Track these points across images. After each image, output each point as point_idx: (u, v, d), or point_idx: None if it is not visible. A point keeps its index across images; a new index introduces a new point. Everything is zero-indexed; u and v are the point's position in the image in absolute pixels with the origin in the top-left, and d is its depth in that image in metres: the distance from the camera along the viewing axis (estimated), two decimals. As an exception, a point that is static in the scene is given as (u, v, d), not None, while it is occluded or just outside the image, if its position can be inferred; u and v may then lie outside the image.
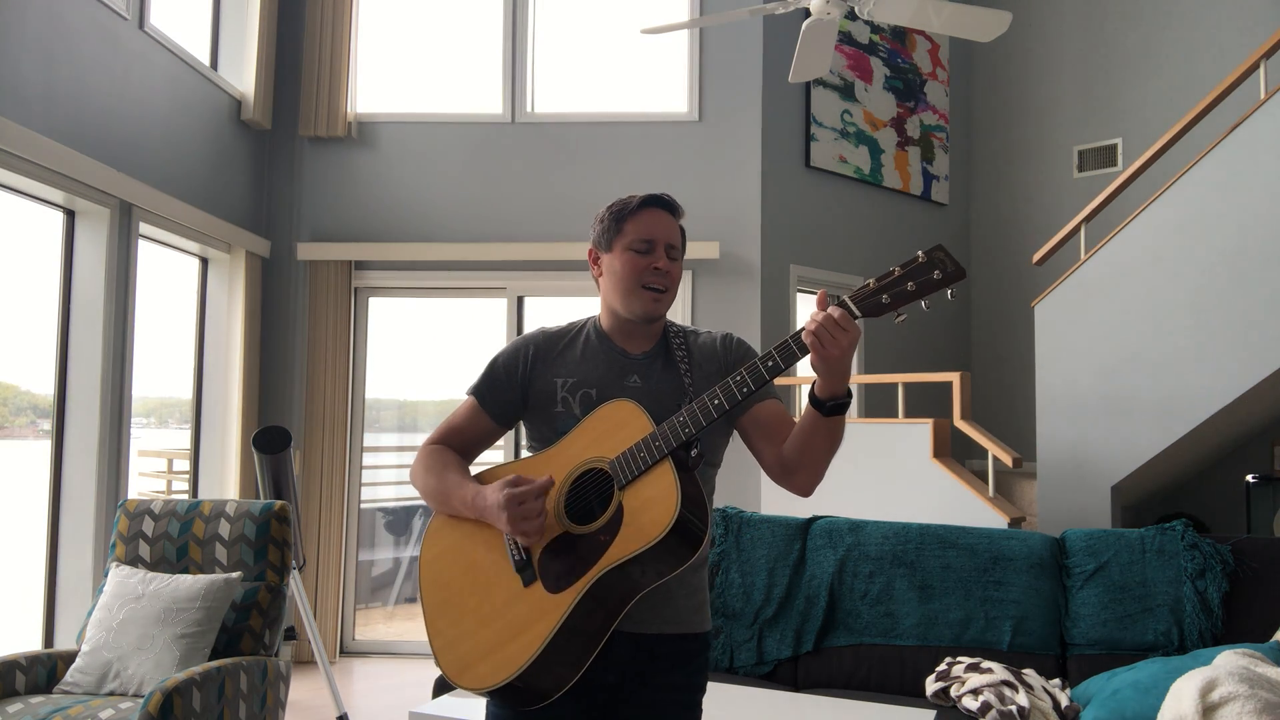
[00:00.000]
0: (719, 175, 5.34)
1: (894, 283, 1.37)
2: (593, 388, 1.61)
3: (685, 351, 1.66)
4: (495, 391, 1.69)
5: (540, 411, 1.65)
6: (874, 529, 3.20)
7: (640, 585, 1.45)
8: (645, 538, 1.41)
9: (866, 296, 1.38)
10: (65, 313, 3.90)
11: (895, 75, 6.30)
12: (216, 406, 4.97)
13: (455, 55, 5.66)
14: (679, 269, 1.66)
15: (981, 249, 6.92)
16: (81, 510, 3.83)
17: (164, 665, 2.90)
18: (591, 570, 1.44)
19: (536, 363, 1.67)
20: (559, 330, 1.72)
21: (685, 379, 1.61)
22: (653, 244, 1.61)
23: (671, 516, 1.39)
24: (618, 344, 1.67)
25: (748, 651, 3.16)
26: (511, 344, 1.72)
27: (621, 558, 1.42)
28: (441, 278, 5.38)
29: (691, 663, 1.61)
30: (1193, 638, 2.76)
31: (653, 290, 1.60)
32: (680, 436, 1.45)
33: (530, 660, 1.44)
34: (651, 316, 1.63)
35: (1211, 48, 5.87)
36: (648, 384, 1.62)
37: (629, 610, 1.47)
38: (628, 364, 1.64)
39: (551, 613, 1.45)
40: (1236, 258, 4.12)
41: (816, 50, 4.05)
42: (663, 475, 1.44)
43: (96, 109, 3.89)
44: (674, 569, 1.43)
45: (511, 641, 1.48)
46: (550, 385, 1.64)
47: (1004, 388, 6.52)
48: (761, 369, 1.43)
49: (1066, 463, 4.58)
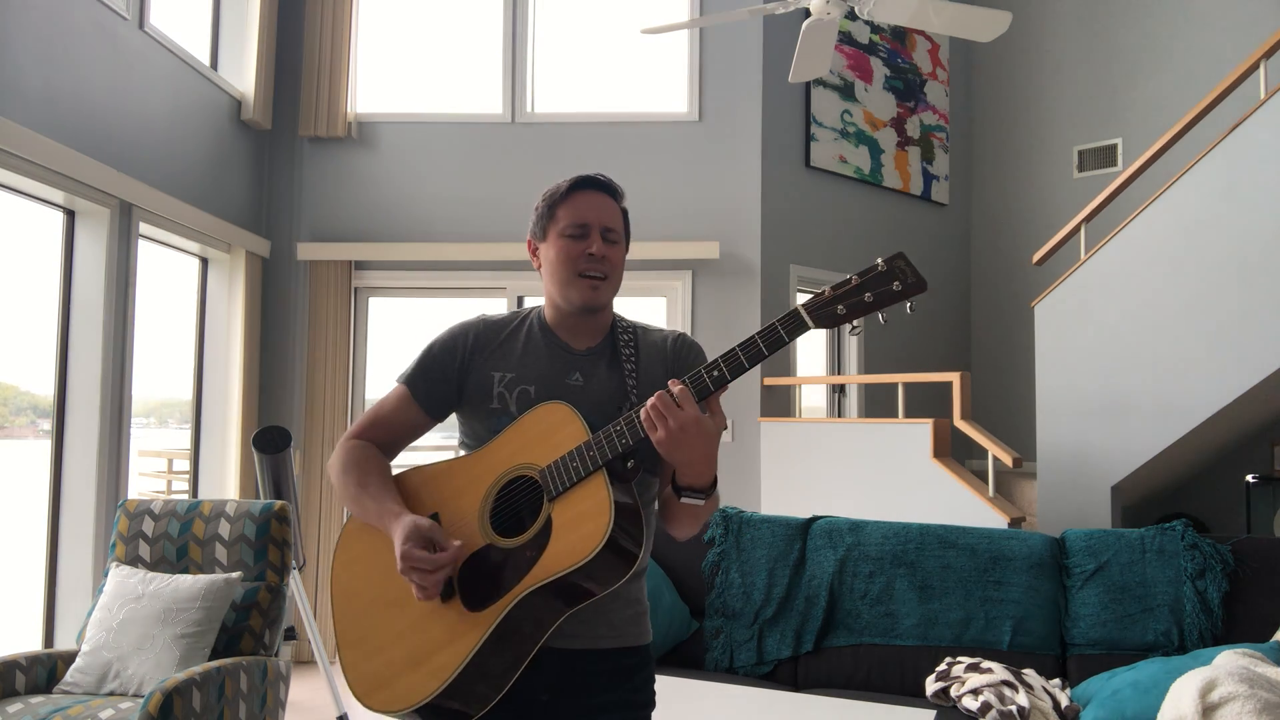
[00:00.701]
0: (719, 175, 5.34)
1: (850, 293, 1.29)
2: (531, 384, 1.50)
3: (633, 350, 1.55)
4: (428, 381, 1.56)
5: (475, 406, 1.53)
6: (874, 529, 3.20)
7: (570, 604, 1.35)
8: (574, 557, 1.30)
9: (821, 306, 1.29)
10: (65, 313, 3.90)
11: (895, 75, 6.30)
12: (216, 406, 4.97)
13: (455, 55, 5.66)
14: (619, 253, 1.54)
15: (981, 249, 6.92)
16: (81, 510, 3.83)
17: (164, 665, 2.90)
18: (515, 589, 1.33)
19: (475, 353, 1.55)
20: (501, 319, 1.60)
21: (629, 380, 1.50)
22: (587, 228, 1.49)
23: (603, 535, 1.29)
24: (561, 338, 1.55)
25: (748, 651, 3.16)
26: (449, 330, 1.59)
27: (548, 577, 1.31)
28: (441, 278, 5.38)
29: (632, 678, 1.50)
30: (1193, 638, 2.76)
31: (590, 278, 1.49)
32: (616, 448, 1.35)
33: (445, 684, 1.34)
34: (590, 306, 1.51)
35: (1211, 48, 5.87)
36: (590, 382, 1.51)
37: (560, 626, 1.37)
38: (571, 360, 1.53)
39: (470, 633, 1.34)
40: (1236, 258, 4.12)
41: (816, 50, 4.05)
42: (595, 489, 1.34)
43: (96, 109, 3.89)
44: (608, 586, 1.34)
45: (426, 662, 1.37)
46: (487, 379, 1.53)
47: (1004, 388, 6.52)
48: (706, 379, 1.33)
49: (1066, 463, 4.58)
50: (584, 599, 1.35)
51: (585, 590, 1.34)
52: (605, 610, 1.44)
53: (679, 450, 1.31)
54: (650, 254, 5.18)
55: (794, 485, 4.98)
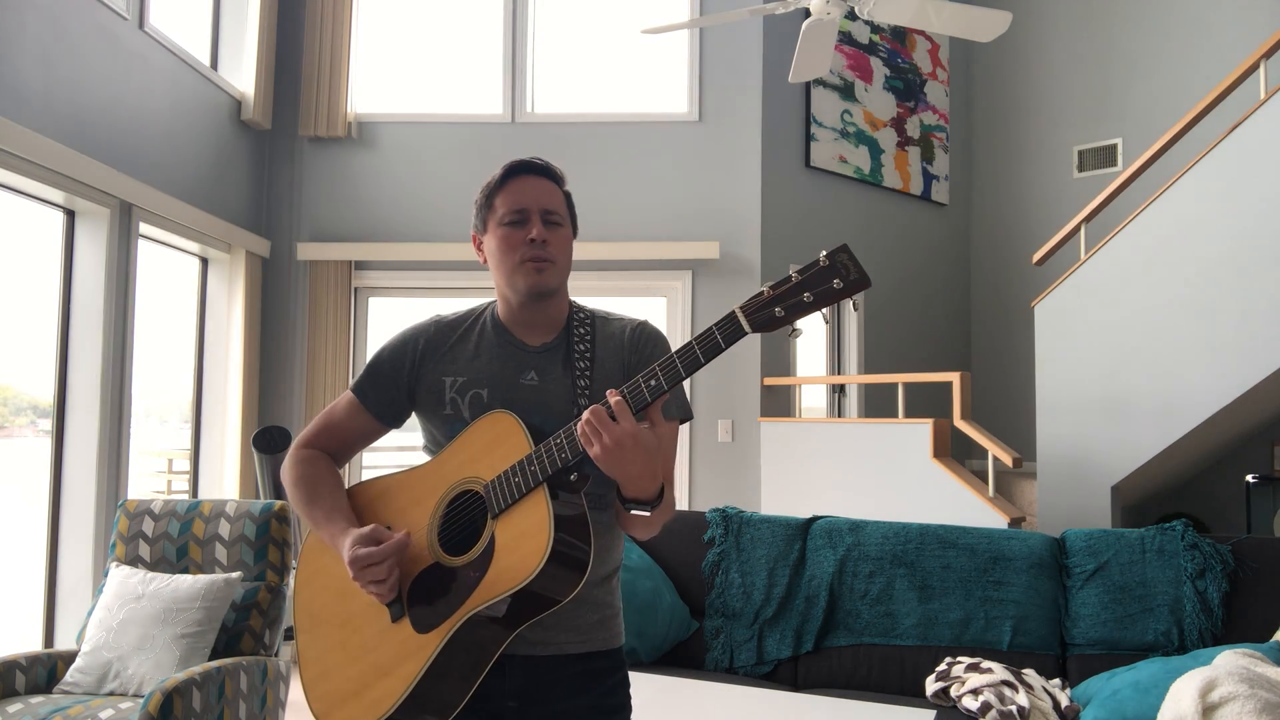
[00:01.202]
0: (719, 175, 5.34)
1: (789, 293, 1.21)
2: (484, 387, 1.45)
3: (588, 344, 1.49)
4: (378, 390, 1.52)
5: (429, 413, 1.50)
6: (874, 529, 3.20)
7: (521, 620, 1.31)
8: (516, 577, 1.27)
9: (759, 309, 1.22)
10: (65, 313, 3.90)
11: (895, 75, 6.30)
12: (216, 406, 4.97)
13: (455, 55, 5.66)
14: (563, 236, 1.48)
15: (981, 249, 6.92)
16: (81, 510, 3.83)
17: (164, 665, 2.90)
18: (459, 611, 1.31)
19: (425, 359, 1.51)
20: (453, 319, 1.56)
21: (580, 381, 1.44)
22: (525, 213, 1.45)
23: (543, 554, 1.25)
24: (516, 335, 1.50)
25: (748, 651, 3.16)
26: (399, 335, 1.55)
27: (490, 599, 1.28)
28: (441, 278, 5.38)
29: (603, 682, 1.46)
30: (1193, 638, 2.76)
31: (534, 261, 1.44)
32: (556, 462, 1.29)
33: (394, 706, 1.32)
34: (538, 290, 1.45)
35: (1211, 48, 5.87)
36: (545, 381, 1.46)
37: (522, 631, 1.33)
38: (525, 358, 1.48)
39: (417, 655, 1.32)
40: (1236, 258, 4.12)
41: (816, 50, 4.05)
42: (536, 505, 1.29)
43: (96, 109, 3.89)
44: (560, 599, 1.30)
45: (376, 683, 1.35)
46: (439, 384, 1.48)
47: (1004, 388, 6.52)
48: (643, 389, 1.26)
49: (1066, 463, 4.58)
50: (535, 614, 1.31)
51: (534, 607, 1.31)
52: (570, 616, 1.40)
53: (616, 466, 1.26)
54: (650, 254, 5.18)
55: (794, 485, 4.98)
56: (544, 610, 1.31)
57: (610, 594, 1.50)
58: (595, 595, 1.46)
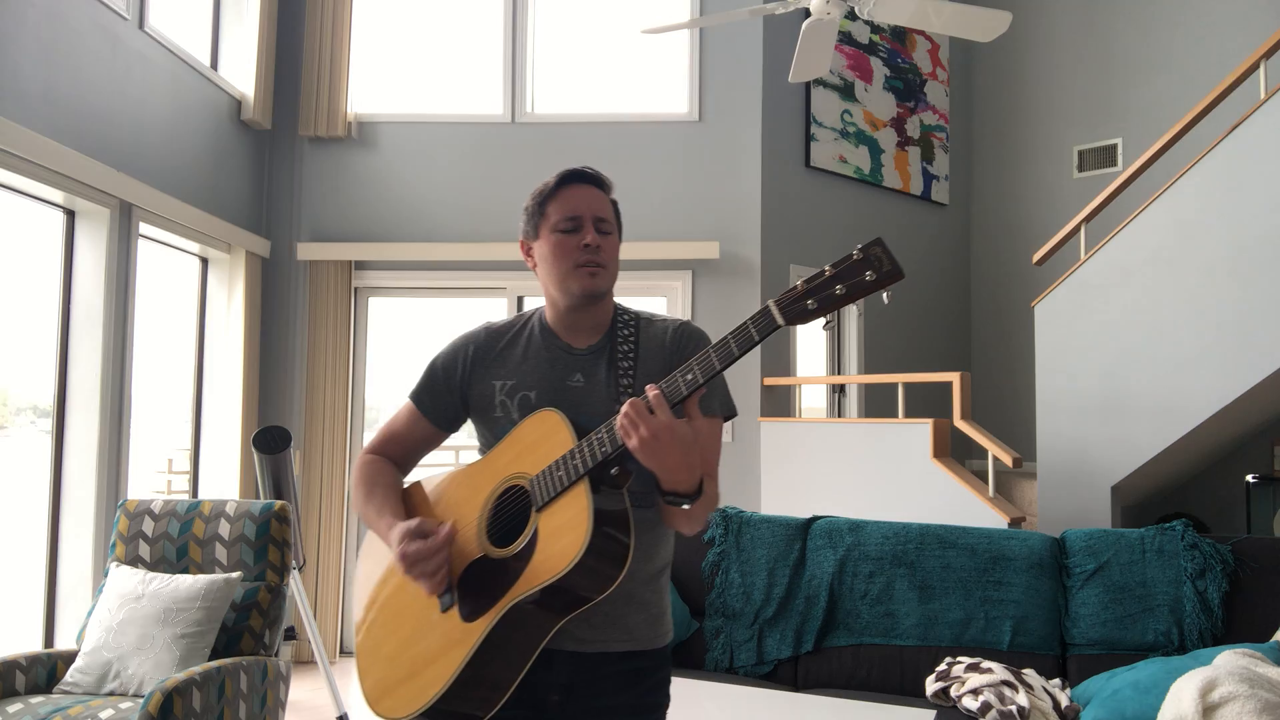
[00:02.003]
0: (719, 175, 5.34)
1: (821, 286, 1.23)
2: (532, 390, 1.51)
3: (632, 345, 1.53)
4: (434, 396, 1.60)
5: (482, 416, 1.56)
6: (874, 529, 3.20)
7: (562, 612, 1.35)
8: (554, 568, 1.31)
9: (791, 301, 1.24)
10: (65, 313, 3.90)
11: (895, 75, 6.30)
12: (216, 406, 4.97)
13: (455, 55, 5.66)
14: (613, 243, 1.55)
15: (981, 249, 6.92)
16: (81, 510, 3.83)
17: (164, 665, 2.90)
18: (503, 600, 1.35)
19: (476, 365, 1.57)
20: (502, 326, 1.62)
21: (622, 380, 1.48)
22: (579, 220, 1.51)
23: (582, 544, 1.29)
24: (562, 339, 1.55)
25: (748, 651, 3.16)
26: (451, 344, 1.62)
27: (531, 588, 1.33)
28: (441, 278, 5.38)
29: (644, 681, 1.50)
30: (1193, 638, 2.76)
31: (588, 267, 1.49)
32: (597, 456, 1.33)
33: (441, 693, 1.37)
34: (592, 293, 1.50)
35: (1211, 48, 5.87)
36: (590, 383, 1.51)
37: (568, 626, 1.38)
38: (571, 361, 1.53)
39: (464, 641, 1.37)
40: (1236, 258, 4.12)
41: (816, 50, 4.05)
42: (577, 498, 1.33)
43: (96, 109, 3.89)
44: (601, 591, 1.33)
45: (426, 669, 1.41)
46: (489, 389, 1.54)
47: (1004, 388, 6.52)
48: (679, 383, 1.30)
49: (1066, 463, 4.58)
50: (577, 606, 1.35)
51: (575, 598, 1.34)
52: (618, 614, 1.45)
53: (654, 458, 1.30)
54: (650, 254, 5.18)
55: (794, 485, 4.98)
56: (586, 602, 1.34)
57: (658, 593, 1.54)
58: (642, 594, 1.50)
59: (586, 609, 1.35)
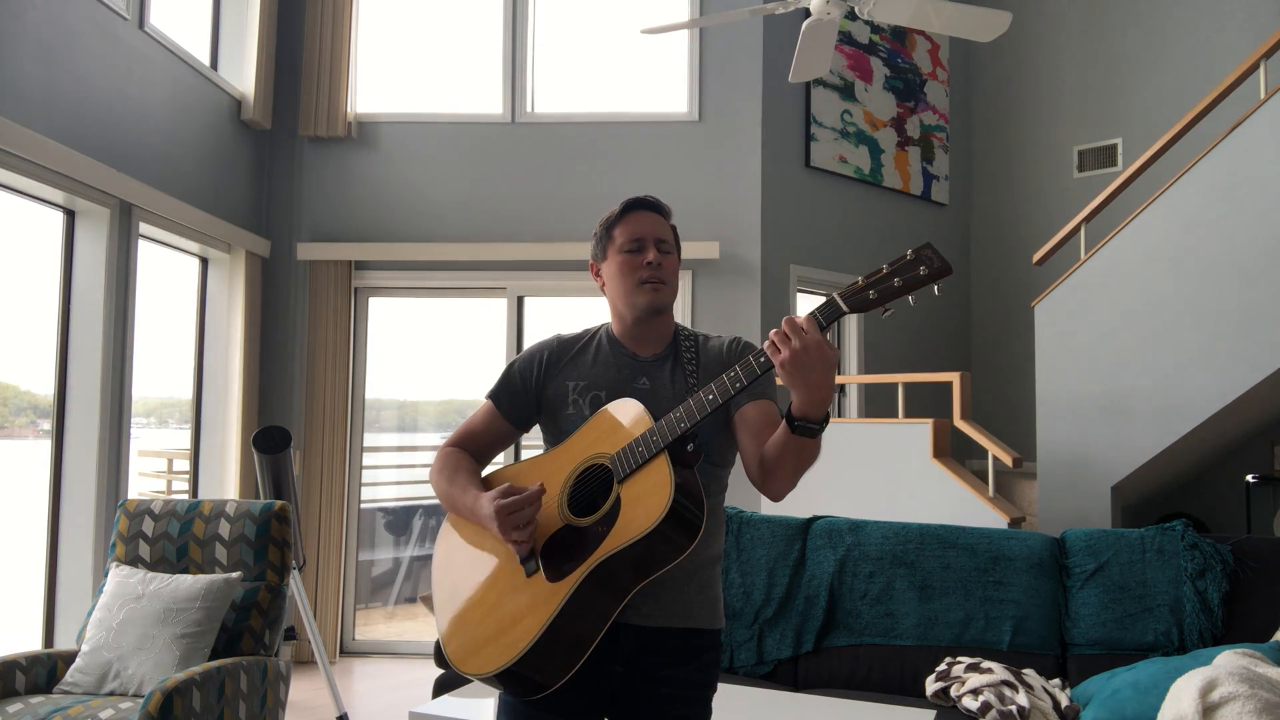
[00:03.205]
0: (719, 175, 5.34)
1: (881, 279, 1.39)
2: (603, 390, 1.68)
3: (694, 354, 1.71)
4: (511, 396, 1.76)
5: (553, 414, 1.72)
6: (874, 529, 3.20)
7: (639, 575, 1.47)
8: (639, 528, 1.44)
9: (855, 293, 1.40)
10: (65, 313, 3.90)
11: (895, 75, 6.30)
12: (216, 406, 4.97)
13: (455, 55, 5.66)
14: (674, 262, 1.73)
15: (981, 249, 6.92)
16: (81, 510, 3.83)
17: (164, 665, 2.90)
18: (589, 560, 1.48)
19: (550, 368, 1.74)
20: (573, 337, 1.79)
21: (690, 379, 1.66)
22: (642, 242, 1.69)
23: (664, 506, 1.43)
24: (628, 348, 1.73)
25: (748, 651, 3.16)
26: (528, 350, 1.80)
27: (617, 547, 1.46)
28: (441, 278, 5.38)
29: (699, 658, 1.63)
30: (1193, 638, 2.76)
31: (651, 283, 1.67)
32: (676, 430, 1.48)
33: (528, 647, 1.47)
34: (656, 307, 1.68)
35: (1211, 48, 5.87)
36: (656, 385, 1.68)
37: (635, 602, 1.50)
38: (637, 367, 1.70)
39: (550, 600, 1.49)
40: (1236, 257, 4.12)
41: (816, 50, 4.05)
42: (658, 468, 1.48)
43: (96, 109, 3.89)
44: (674, 557, 1.46)
45: (512, 628, 1.52)
46: (563, 389, 1.71)
47: (1004, 388, 6.52)
48: (754, 364, 1.45)
49: (1066, 463, 4.58)
50: (652, 570, 1.47)
51: (653, 560, 1.46)
52: (681, 592, 1.60)
53: (801, 373, 1.38)
54: (650, 254, 5.17)
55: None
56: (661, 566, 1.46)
57: (714, 579, 1.68)
58: (702, 576, 1.64)
59: (659, 575, 1.47)
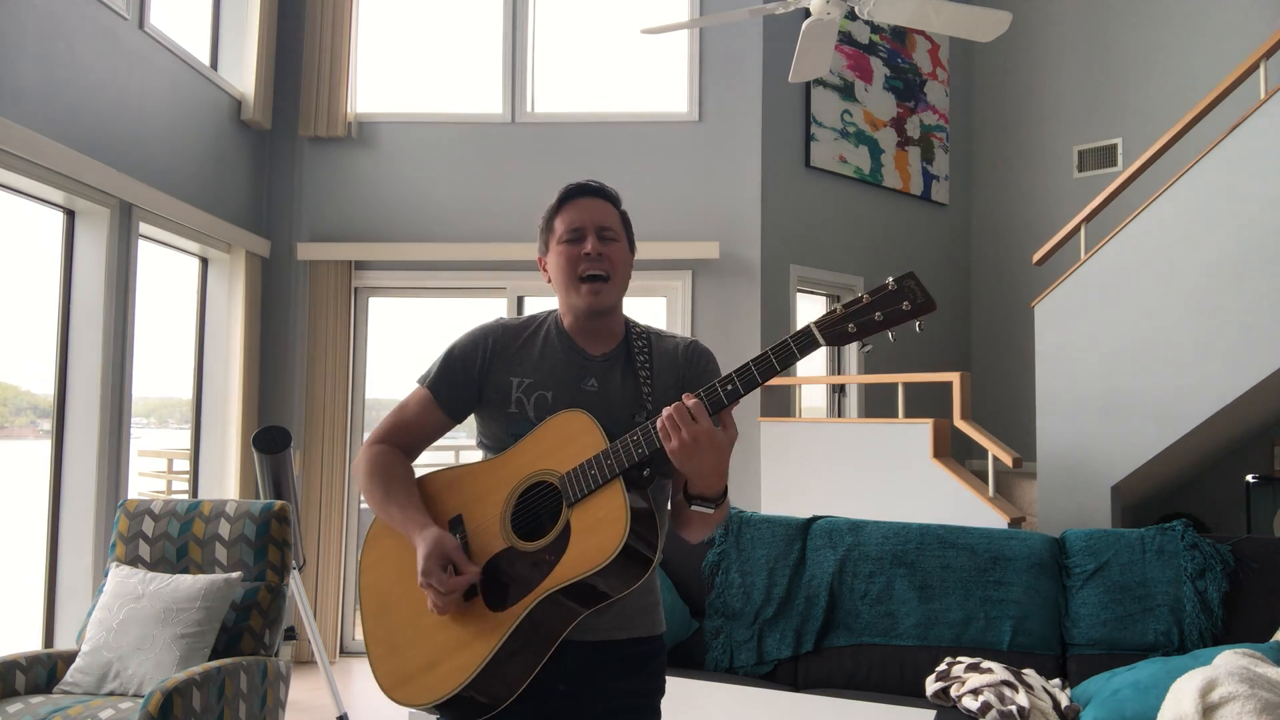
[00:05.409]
0: (719, 175, 5.34)
1: (861, 311, 1.32)
2: (548, 390, 1.55)
3: (647, 356, 1.59)
4: (450, 386, 1.60)
5: (493, 410, 1.58)
6: (874, 529, 3.20)
7: (586, 606, 1.40)
8: (591, 562, 1.36)
9: (832, 324, 1.33)
10: (65, 313, 3.90)
11: (895, 75, 6.30)
12: (216, 406, 4.97)
13: (455, 55, 5.66)
14: (619, 251, 1.59)
15: (981, 249, 6.92)
16: (81, 510, 3.83)
17: (164, 665, 2.90)
18: (535, 591, 1.39)
19: (494, 358, 1.59)
20: (519, 323, 1.65)
21: (644, 388, 1.55)
22: (581, 231, 1.56)
23: (619, 541, 1.34)
24: (578, 344, 1.60)
25: (748, 651, 3.16)
26: (469, 334, 1.63)
27: (566, 581, 1.37)
28: (441, 278, 5.38)
29: (645, 667, 1.56)
30: (1193, 638, 2.76)
31: (590, 281, 1.54)
32: (633, 457, 1.39)
33: (468, 680, 1.40)
34: (594, 310, 1.56)
35: (1211, 48, 5.87)
36: (605, 388, 1.56)
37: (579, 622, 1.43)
38: (587, 365, 1.58)
39: (492, 632, 1.41)
40: (1236, 257, 4.12)
41: (816, 50, 4.05)
42: (612, 496, 1.39)
43: (96, 109, 3.89)
44: (625, 589, 1.39)
45: (447, 659, 1.43)
46: (505, 384, 1.57)
47: (1004, 388, 6.52)
48: (720, 393, 1.37)
49: (1066, 463, 4.58)
50: (600, 601, 1.40)
51: (602, 593, 1.39)
52: (621, 603, 1.48)
53: (691, 461, 1.36)
54: (650, 254, 5.17)
55: (794, 485, 4.98)
56: (611, 596, 1.39)
57: (654, 583, 1.61)
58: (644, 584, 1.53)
59: (606, 605, 1.40)
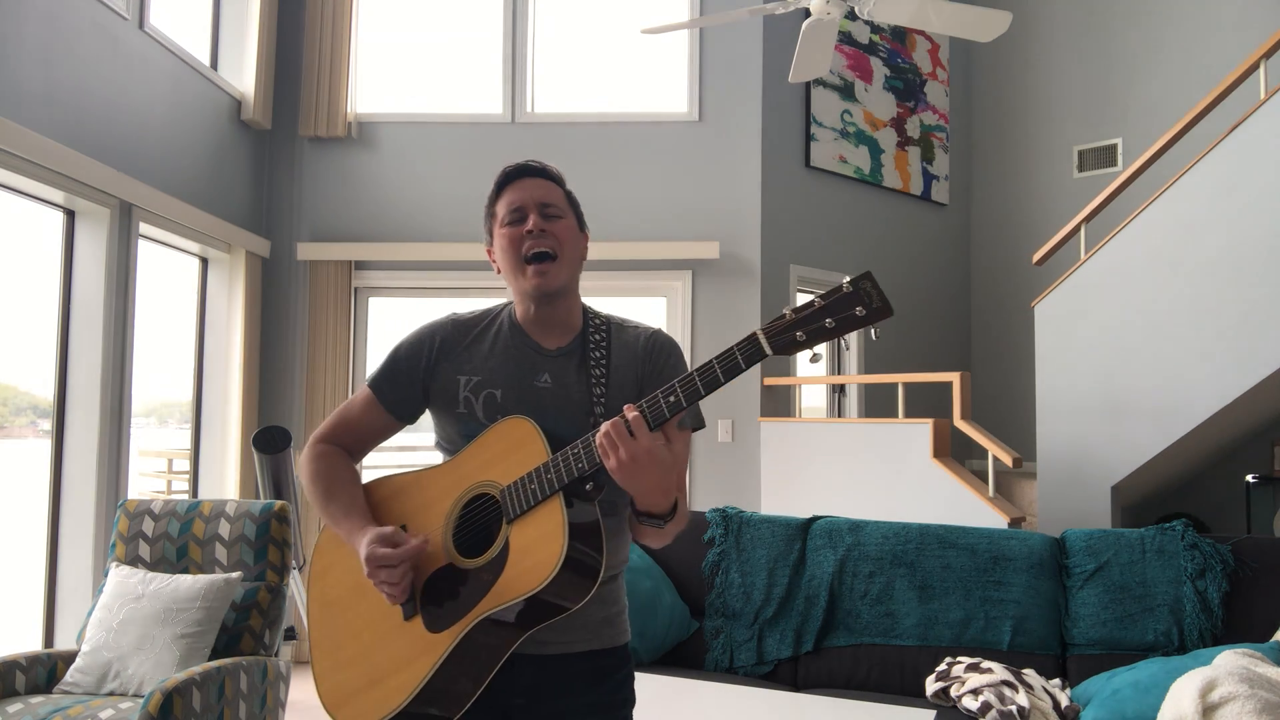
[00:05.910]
0: (719, 175, 5.34)
1: (811, 318, 1.23)
2: (498, 388, 1.47)
3: (604, 350, 1.50)
4: (394, 387, 1.54)
5: (443, 411, 1.51)
6: (874, 529, 3.20)
7: (529, 625, 1.33)
8: (528, 584, 1.29)
9: (780, 332, 1.24)
10: (65, 313, 3.90)
11: (895, 75, 6.30)
12: (216, 406, 4.97)
13: (455, 55, 5.66)
14: (564, 226, 1.51)
15: (981, 249, 6.92)
16: (81, 510, 3.83)
17: (164, 665, 2.90)
18: (471, 613, 1.33)
19: (441, 357, 1.52)
20: (471, 318, 1.58)
21: (595, 389, 1.45)
22: (523, 210, 1.49)
23: (556, 561, 1.27)
24: (532, 337, 1.52)
25: (748, 651, 3.16)
26: (416, 332, 1.56)
27: (503, 603, 1.31)
28: (442, 278, 5.38)
29: (607, 680, 1.48)
30: (1193, 638, 2.76)
31: (536, 260, 1.47)
32: (573, 472, 1.31)
33: (404, 702, 1.35)
34: (542, 291, 1.47)
35: (1211, 48, 5.87)
36: (559, 385, 1.47)
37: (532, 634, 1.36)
38: (540, 361, 1.49)
39: (429, 653, 1.35)
40: (1236, 258, 4.12)
41: (816, 50, 4.05)
42: (551, 514, 1.31)
43: (96, 109, 3.89)
44: (571, 605, 1.32)
45: (386, 680, 1.38)
46: (453, 383, 1.49)
47: (1004, 388, 6.52)
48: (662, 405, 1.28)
49: (1066, 463, 4.58)
50: (546, 619, 1.33)
51: (545, 612, 1.32)
52: (579, 614, 1.39)
53: (632, 480, 1.28)
54: (650, 254, 5.18)
55: (794, 485, 4.98)
56: (555, 615, 1.33)
57: (617, 592, 1.53)
58: (602, 593, 1.46)
59: (555, 621, 1.34)
